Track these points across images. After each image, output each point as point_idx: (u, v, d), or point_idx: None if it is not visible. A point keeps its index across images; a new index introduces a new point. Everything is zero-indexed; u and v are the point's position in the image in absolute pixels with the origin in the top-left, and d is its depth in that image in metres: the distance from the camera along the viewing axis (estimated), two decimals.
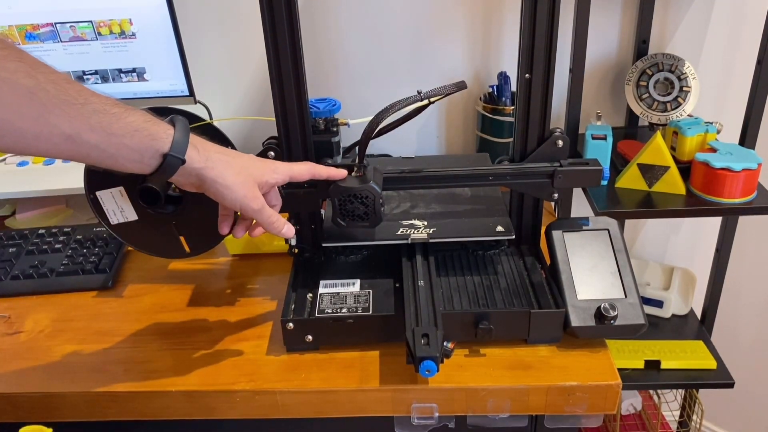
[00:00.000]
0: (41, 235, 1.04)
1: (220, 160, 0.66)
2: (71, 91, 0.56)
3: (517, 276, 0.85)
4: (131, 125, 0.59)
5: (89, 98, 0.57)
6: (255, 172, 0.69)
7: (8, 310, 0.92)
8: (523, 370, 0.76)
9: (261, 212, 0.69)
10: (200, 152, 0.65)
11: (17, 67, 0.53)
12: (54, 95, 0.55)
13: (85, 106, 0.57)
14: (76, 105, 0.56)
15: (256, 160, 0.72)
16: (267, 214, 0.70)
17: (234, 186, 0.66)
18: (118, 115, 0.59)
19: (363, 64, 1.22)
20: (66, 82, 0.56)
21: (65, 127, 0.56)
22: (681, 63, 1.12)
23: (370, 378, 0.76)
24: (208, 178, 0.65)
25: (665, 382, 1.16)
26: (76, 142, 0.57)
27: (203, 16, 1.19)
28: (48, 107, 0.55)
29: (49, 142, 0.56)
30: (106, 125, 0.58)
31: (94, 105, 0.57)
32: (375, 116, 0.75)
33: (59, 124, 0.55)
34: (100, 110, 0.58)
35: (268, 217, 0.71)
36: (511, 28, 1.19)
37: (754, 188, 0.99)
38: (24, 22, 1.05)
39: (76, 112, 0.56)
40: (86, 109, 0.57)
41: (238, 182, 0.67)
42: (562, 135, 0.82)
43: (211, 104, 1.20)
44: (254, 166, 0.70)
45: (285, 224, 0.73)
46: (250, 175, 0.68)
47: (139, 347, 0.83)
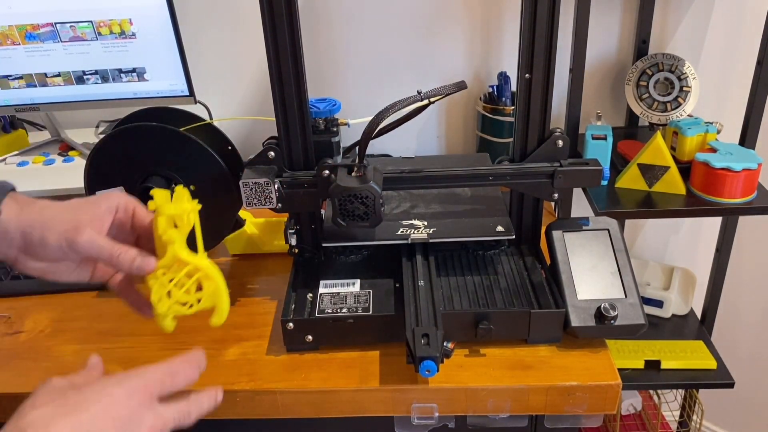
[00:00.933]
0: None
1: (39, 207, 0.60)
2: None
3: (517, 276, 0.85)
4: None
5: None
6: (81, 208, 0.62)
7: (8, 310, 0.92)
8: (523, 370, 0.76)
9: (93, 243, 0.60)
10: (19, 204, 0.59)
11: None
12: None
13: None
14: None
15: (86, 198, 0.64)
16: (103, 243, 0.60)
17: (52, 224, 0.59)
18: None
19: (363, 64, 1.23)
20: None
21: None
22: (681, 63, 1.12)
23: (370, 378, 0.76)
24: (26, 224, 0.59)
25: (665, 382, 1.16)
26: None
27: (203, 16, 1.19)
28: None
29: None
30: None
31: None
32: (375, 116, 0.75)
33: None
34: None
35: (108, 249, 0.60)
36: (511, 28, 1.19)
37: (754, 188, 0.99)
38: (24, 22, 1.05)
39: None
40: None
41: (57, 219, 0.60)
42: (562, 135, 0.82)
43: (211, 104, 1.20)
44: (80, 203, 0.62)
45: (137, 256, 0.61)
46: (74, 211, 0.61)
47: (139, 347, 0.83)
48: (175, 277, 0.61)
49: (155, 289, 0.62)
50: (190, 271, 0.61)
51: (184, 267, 0.61)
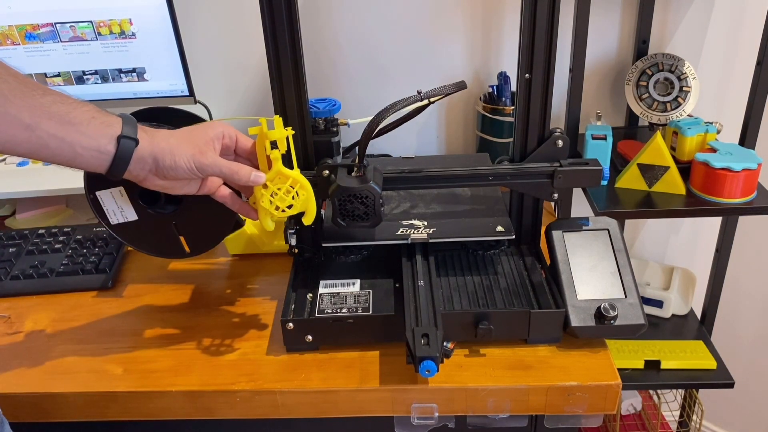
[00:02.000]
0: (41, 235, 1.04)
1: (162, 136, 0.69)
2: (30, 84, 0.60)
3: (517, 276, 0.85)
4: (87, 113, 0.63)
5: (47, 90, 0.61)
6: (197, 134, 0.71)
7: (8, 310, 0.92)
8: (523, 370, 0.76)
9: (216, 164, 0.70)
10: (147, 132, 0.67)
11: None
12: (15, 87, 0.58)
13: (44, 97, 0.60)
14: (36, 96, 0.59)
15: (197, 126, 0.73)
16: (224, 164, 0.71)
17: (180, 150, 0.68)
18: (74, 105, 0.62)
19: (363, 64, 1.23)
20: (24, 77, 0.60)
21: (25, 116, 0.58)
22: (681, 63, 1.12)
23: (370, 378, 0.76)
24: (159, 151, 0.67)
25: (665, 382, 1.16)
26: (36, 133, 0.59)
27: (203, 16, 1.19)
28: (8, 97, 0.57)
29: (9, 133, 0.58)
30: (63, 114, 0.60)
31: (53, 96, 0.61)
32: (375, 116, 0.75)
33: (19, 114, 0.58)
34: (59, 101, 0.61)
35: (228, 167, 0.71)
36: (511, 28, 1.19)
37: (754, 188, 0.99)
38: (24, 22, 1.05)
39: (36, 102, 0.59)
40: (46, 99, 0.60)
41: (182, 145, 0.68)
42: (562, 135, 0.82)
43: (211, 104, 1.20)
44: (195, 130, 0.71)
45: (251, 171, 0.73)
46: (193, 137, 0.70)
47: (139, 347, 0.83)
48: (282, 187, 0.75)
49: (265, 197, 0.75)
50: (291, 182, 0.75)
51: (285, 179, 0.75)
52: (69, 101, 0.62)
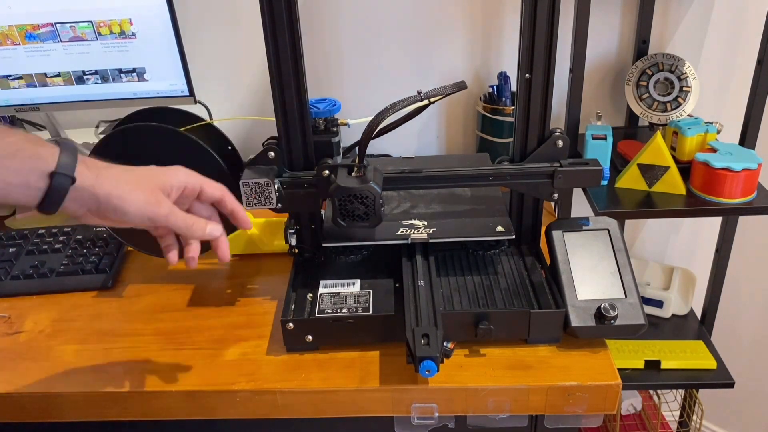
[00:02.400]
0: (41, 235, 1.04)
1: (111, 173, 0.62)
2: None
3: (517, 276, 0.85)
4: (12, 145, 0.55)
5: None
6: (154, 179, 0.64)
7: (8, 310, 0.92)
8: (523, 370, 0.76)
9: (170, 216, 0.64)
10: (90, 168, 0.60)
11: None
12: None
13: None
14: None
15: (155, 168, 0.66)
16: (180, 217, 0.65)
17: (131, 196, 0.61)
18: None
19: (363, 64, 1.23)
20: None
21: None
22: (681, 63, 1.12)
23: (370, 378, 0.76)
24: (102, 194, 0.60)
25: (665, 382, 1.16)
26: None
27: (203, 16, 1.19)
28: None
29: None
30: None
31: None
32: (375, 116, 0.75)
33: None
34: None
35: (183, 220, 0.65)
36: (511, 28, 1.19)
37: (754, 188, 0.99)
38: (24, 22, 1.05)
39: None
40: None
41: (134, 191, 0.62)
42: (562, 135, 0.82)
43: (211, 104, 1.20)
44: (153, 173, 0.65)
45: (207, 224, 0.68)
46: (149, 181, 0.63)
47: (139, 347, 0.83)
48: None
49: None
50: None
51: None
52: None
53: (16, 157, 0.55)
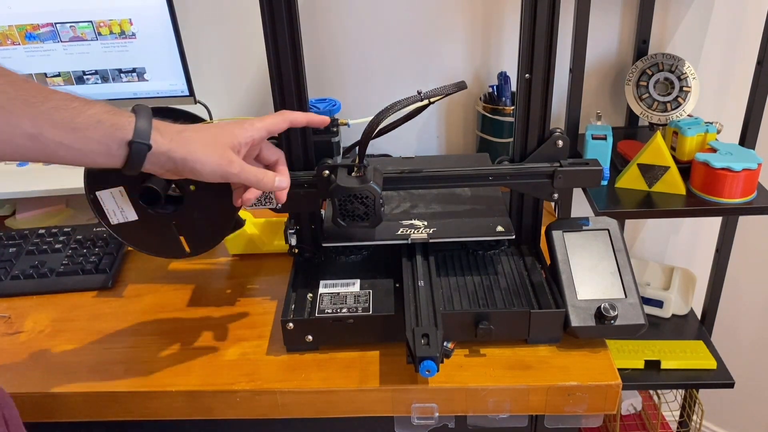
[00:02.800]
0: (41, 235, 1.04)
1: (184, 137, 0.65)
2: (31, 90, 0.56)
3: (517, 276, 0.85)
4: (93, 117, 0.59)
5: (49, 96, 0.57)
6: (224, 138, 0.67)
7: (8, 310, 0.92)
8: (523, 370, 0.76)
9: (242, 174, 0.68)
10: (164, 135, 0.64)
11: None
12: (14, 96, 0.55)
13: (45, 104, 0.56)
14: (36, 104, 0.56)
15: (223, 126, 0.70)
16: (251, 173, 0.69)
17: (204, 157, 0.65)
18: (79, 109, 0.58)
19: (363, 64, 1.23)
20: (24, 82, 0.56)
21: (27, 126, 0.56)
22: (681, 63, 1.12)
23: (370, 378, 0.76)
24: (178, 158, 0.64)
25: (665, 382, 1.16)
26: (41, 141, 0.57)
27: (203, 16, 1.19)
28: (8, 109, 0.55)
29: (13, 144, 0.56)
30: (68, 120, 0.57)
31: (55, 102, 0.57)
32: (375, 116, 0.75)
33: (21, 124, 0.55)
34: (61, 106, 0.57)
35: (254, 175, 0.69)
36: (511, 28, 1.19)
37: (754, 188, 0.99)
38: (24, 22, 1.05)
39: (36, 110, 0.56)
40: (46, 106, 0.56)
41: (207, 152, 0.65)
42: (562, 135, 0.82)
43: (211, 104, 1.20)
44: (222, 132, 0.68)
45: (275, 176, 0.71)
46: (218, 142, 0.67)
47: (139, 347, 0.83)
48: None
49: None
50: None
51: None
52: (73, 105, 0.58)
53: (97, 128, 0.59)
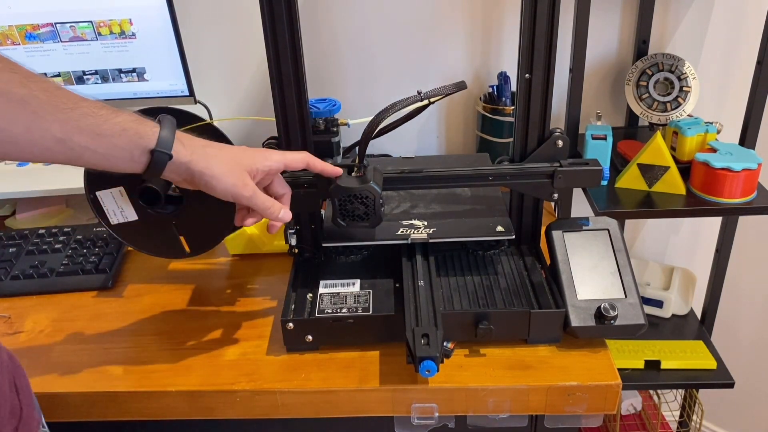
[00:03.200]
0: (41, 235, 1.04)
1: (206, 153, 0.68)
2: (61, 97, 0.59)
3: (517, 276, 0.85)
4: (119, 125, 0.62)
5: (78, 103, 0.60)
6: (244, 161, 0.70)
7: (8, 310, 0.92)
8: (523, 370, 0.76)
9: (253, 198, 0.70)
10: (186, 147, 0.66)
11: (11, 77, 0.55)
12: (45, 102, 0.57)
13: (74, 111, 0.59)
14: (66, 110, 0.58)
15: (246, 150, 0.72)
16: (261, 200, 0.71)
17: (221, 176, 0.67)
18: (105, 117, 0.61)
19: (363, 64, 1.22)
20: (56, 89, 0.59)
21: (56, 131, 0.58)
22: (681, 63, 1.12)
23: (370, 378, 0.76)
24: (196, 170, 0.67)
25: (665, 382, 1.16)
26: (68, 145, 0.59)
27: (203, 16, 1.19)
28: (39, 114, 0.57)
29: (42, 146, 0.58)
30: (94, 127, 0.60)
31: (83, 109, 0.60)
32: (375, 116, 0.75)
33: (50, 128, 0.58)
34: (89, 113, 0.60)
35: (263, 203, 0.71)
36: (511, 28, 1.19)
37: (754, 188, 0.99)
38: (24, 22, 1.05)
39: (65, 116, 0.58)
40: (75, 113, 0.59)
41: (225, 171, 0.68)
42: (562, 135, 0.82)
43: (211, 104, 1.20)
44: (243, 155, 0.71)
45: (281, 209, 0.73)
46: (238, 164, 0.69)
47: (139, 347, 0.83)
48: None
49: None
50: None
51: None
52: (100, 113, 0.61)
53: (122, 136, 0.62)
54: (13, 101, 0.55)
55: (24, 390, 0.62)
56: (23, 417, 0.60)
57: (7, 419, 0.58)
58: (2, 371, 0.59)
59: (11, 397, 0.60)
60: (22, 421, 0.60)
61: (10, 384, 0.60)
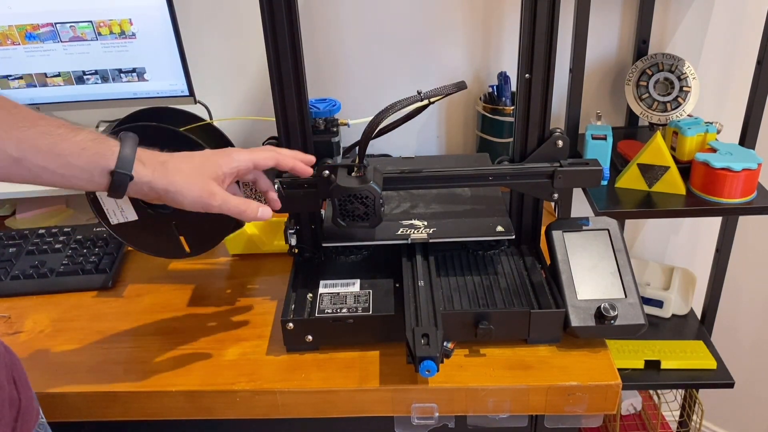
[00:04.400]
0: (41, 235, 1.04)
1: (167, 168, 0.66)
2: (18, 115, 0.58)
3: (517, 276, 0.85)
4: (78, 144, 0.60)
5: (36, 121, 0.58)
6: (207, 169, 0.68)
7: (8, 310, 0.92)
8: (523, 370, 0.76)
9: (223, 206, 0.68)
10: (147, 165, 0.65)
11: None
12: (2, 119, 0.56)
13: (31, 129, 0.58)
14: (23, 128, 0.57)
15: (210, 156, 0.71)
16: (233, 204, 0.69)
17: (185, 190, 0.66)
18: (63, 136, 0.60)
19: (363, 64, 1.22)
20: (14, 108, 0.58)
21: (12, 150, 0.57)
22: (681, 63, 1.12)
23: (370, 378, 0.76)
24: (160, 188, 0.65)
25: (665, 382, 1.16)
26: (24, 165, 0.58)
27: (203, 16, 1.19)
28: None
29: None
30: (52, 146, 0.59)
31: (41, 127, 0.58)
32: (375, 116, 0.75)
33: (6, 148, 0.56)
34: (46, 132, 0.59)
35: (235, 207, 0.69)
36: (511, 28, 1.19)
37: (754, 188, 0.99)
38: (24, 22, 1.05)
39: (22, 135, 0.57)
40: (33, 131, 0.58)
41: (188, 184, 0.66)
42: (562, 135, 0.82)
43: (211, 104, 1.20)
44: (207, 163, 0.69)
45: (258, 208, 0.72)
46: (201, 174, 0.68)
47: (139, 347, 0.83)
48: None
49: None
50: None
51: None
52: (58, 132, 0.59)
53: (81, 156, 0.60)
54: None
55: (21, 381, 0.62)
56: (21, 408, 0.60)
57: (6, 410, 0.58)
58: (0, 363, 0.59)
59: (9, 389, 0.60)
60: (20, 412, 0.60)
61: (8, 376, 0.60)
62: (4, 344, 0.62)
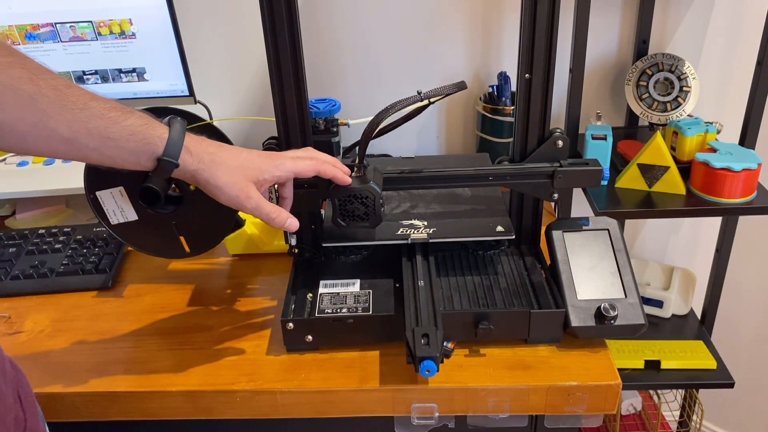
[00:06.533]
0: (41, 235, 1.04)
1: (213, 161, 0.67)
2: (71, 96, 0.58)
3: (517, 276, 0.85)
4: (127, 129, 0.61)
5: (88, 103, 0.59)
6: (251, 171, 0.69)
7: (8, 310, 0.92)
8: (523, 370, 0.76)
9: (256, 210, 0.70)
10: (193, 155, 0.66)
11: (20, 73, 0.55)
12: (54, 101, 0.56)
13: (83, 111, 0.58)
14: (75, 110, 0.58)
15: (256, 158, 0.71)
16: (265, 211, 0.70)
17: (225, 187, 0.67)
18: (115, 119, 0.60)
19: (363, 65, 1.23)
20: (66, 88, 0.58)
21: (64, 131, 0.58)
22: (681, 63, 1.12)
23: (370, 378, 0.76)
24: (201, 179, 0.67)
25: (665, 382, 1.16)
26: (75, 146, 0.59)
27: (203, 17, 1.19)
28: (48, 113, 0.56)
29: (49, 146, 0.58)
30: (103, 129, 0.59)
31: (93, 110, 0.59)
32: (375, 116, 0.75)
33: (58, 128, 0.57)
34: (98, 115, 0.59)
35: (267, 213, 0.71)
36: (511, 28, 1.19)
37: (754, 188, 0.99)
38: (24, 22, 1.05)
39: (74, 117, 0.58)
40: (84, 114, 0.58)
41: (229, 183, 0.67)
42: (562, 135, 0.82)
43: (211, 104, 1.20)
44: (252, 165, 0.70)
45: (287, 218, 0.72)
46: (245, 175, 0.69)
47: (139, 347, 0.83)
48: None
49: None
50: None
51: None
52: (110, 115, 0.60)
53: (130, 140, 0.62)
54: (21, 98, 0.54)
55: (28, 400, 0.62)
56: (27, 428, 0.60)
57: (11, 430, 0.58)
58: (6, 382, 0.58)
59: (15, 408, 0.59)
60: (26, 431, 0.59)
61: (14, 395, 0.59)
62: (11, 361, 0.62)
